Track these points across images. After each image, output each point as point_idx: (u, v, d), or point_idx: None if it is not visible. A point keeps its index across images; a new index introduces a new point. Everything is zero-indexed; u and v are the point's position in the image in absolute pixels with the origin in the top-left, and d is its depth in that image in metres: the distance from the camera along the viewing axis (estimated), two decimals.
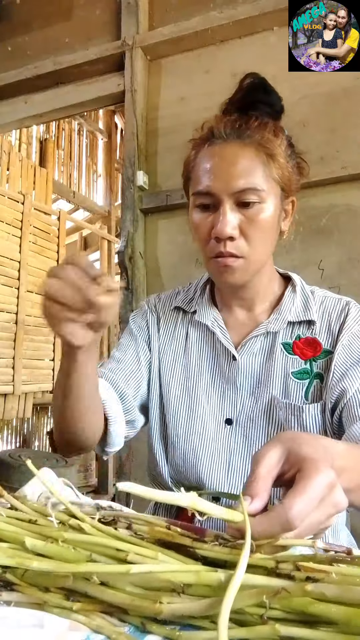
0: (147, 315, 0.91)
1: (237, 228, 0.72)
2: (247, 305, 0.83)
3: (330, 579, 0.32)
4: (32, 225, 3.54)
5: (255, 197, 0.71)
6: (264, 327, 0.80)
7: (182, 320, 0.89)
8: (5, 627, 0.35)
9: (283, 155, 0.74)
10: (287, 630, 0.31)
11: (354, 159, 1.64)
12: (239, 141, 0.73)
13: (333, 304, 0.81)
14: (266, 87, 0.79)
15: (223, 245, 0.72)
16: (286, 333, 0.80)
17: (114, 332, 5.03)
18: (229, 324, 0.84)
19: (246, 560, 0.33)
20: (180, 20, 1.97)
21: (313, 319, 0.79)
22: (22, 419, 4.51)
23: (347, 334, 0.77)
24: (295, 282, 0.84)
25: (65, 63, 2.19)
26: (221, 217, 0.71)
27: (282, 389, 0.78)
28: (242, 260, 0.73)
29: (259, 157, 0.72)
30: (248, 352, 0.81)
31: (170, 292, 0.95)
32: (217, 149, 0.73)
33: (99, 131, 5.69)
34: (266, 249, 0.76)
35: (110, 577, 0.37)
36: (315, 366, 0.78)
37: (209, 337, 0.85)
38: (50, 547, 0.39)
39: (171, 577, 0.35)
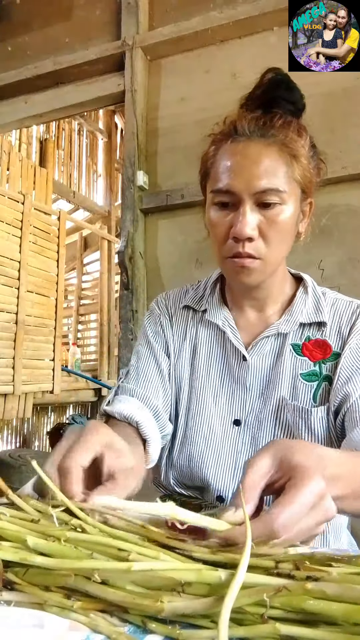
0: (160, 318, 0.89)
1: (257, 229, 0.70)
2: (259, 306, 0.82)
3: (330, 577, 0.32)
4: (32, 225, 3.54)
5: (277, 198, 0.69)
6: (275, 328, 0.79)
7: (192, 319, 0.87)
8: (5, 627, 0.35)
9: (306, 156, 0.73)
10: (288, 629, 0.31)
11: (354, 159, 1.64)
12: (263, 140, 0.71)
13: (344, 307, 0.80)
14: (289, 84, 0.77)
15: (241, 246, 0.70)
16: (296, 334, 0.80)
17: (114, 332, 5.03)
18: (240, 324, 0.83)
19: (247, 560, 0.33)
20: (180, 20, 1.97)
21: (324, 320, 0.78)
22: (22, 419, 4.52)
23: (355, 337, 0.76)
24: (307, 283, 0.83)
25: (65, 63, 2.19)
26: (241, 217, 0.69)
27: (291, 391, 0.77)
28: (259, 261, 0.72)
29: (282, 157, 0.70)
30: (258, 353, 0.80)
31: (178, 290, 0.94)
32: (240, 147, 0.71)
33: (99, 131, 5.70)
34: (283, 250, 0.75)
35: (112, 575, 0.37)
36: (324, 368, 0.77)
37: (219, 337, 0.83)
38: (52, 546, 0.39)
39: (172, 575, 0.35)
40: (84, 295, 5.51)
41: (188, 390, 0.83)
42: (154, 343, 0.86)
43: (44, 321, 3.68)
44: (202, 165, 0.79)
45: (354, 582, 0.32)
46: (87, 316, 5.48)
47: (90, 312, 5.41)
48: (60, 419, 5.03)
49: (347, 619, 0.31)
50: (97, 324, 5.19)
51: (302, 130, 0.75)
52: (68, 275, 5.49)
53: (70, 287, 5.62)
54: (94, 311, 5.32)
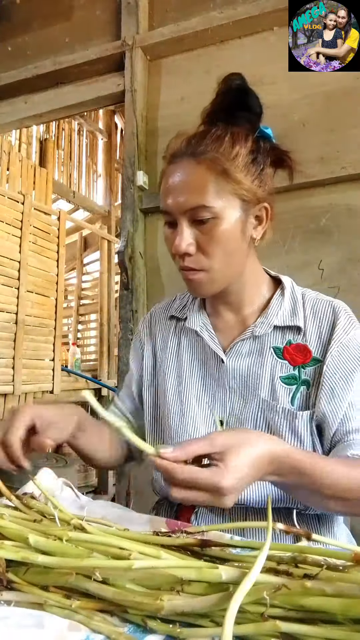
0: (141, 335, 0.97)
1: (194, 244, 0.74)
2: (234, 309, 0.85)
3: (326, 574, 0.32)
4: (32, 225, 3.54)
5: (208, 214, 0.72)
6: (250, 330, 0.81)
7: (175, 328, 0.92)
8: (5, 627, 0.35)
9: (241, 167, 0.74)
10: (288, 626, 0.31)
11: (354, 159, 1.64)
12: (192, 159, 0.74)
13: (323, 309, 0.81)
14: (244, 90, 0.79)
15: (182, 260, 0.76)
16: (276, 337, 0.81)
17: (114, 332, 5.03)
18: (218, 327, 0.86)
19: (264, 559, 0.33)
20: (180, 20, 1.97)
21: (300, 325, 0.79)
22: None
23: (335, 345, 0.77)
24: (285, 286, 0.84)
25: (65, 63, 2.18)
26: (178, 235, 0.74)
27: (270, 393, 0.78)
28: (203, 273, 0.76)
29: (211, 173, 0.72)
30: (236, 355, 0.82)
31: (168, 300, 0.99)
32: (175, 168, 0.75)
33: (99, 131, 5.69)
34: (229, 259, 0.76)
35: (112, 574, 0.37)
36: (303, 373, 0.78)
37: (199, 342, 0.87)
38: (53, 544, 0.39)
39: (173, 572, 0.35)
40: (84, 295, 5.51)
41: (175, 397, 0.86)
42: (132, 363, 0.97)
43: (44, 321, 3.68)
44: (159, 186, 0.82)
45: (350, 581, 0.32)
46: (87, 316, 5.48)
47: (90, 312, 5.41)
48: None
49: (345, 612, 0.31)
50: (97, 324, 5.19)
51: (239, 141, 0.75)
52: (68, 275, 5.48)
53: (70, 287, 5.62)
54: (94, 311, 5.32)
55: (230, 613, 0.29)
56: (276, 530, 0.40)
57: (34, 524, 0.44)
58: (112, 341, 4.98)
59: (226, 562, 0.39)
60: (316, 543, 0.41)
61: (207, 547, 0.40)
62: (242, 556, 0.40)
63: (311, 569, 0.34)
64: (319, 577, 0.33)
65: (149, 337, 0.95)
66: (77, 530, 0.42)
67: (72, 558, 0.38)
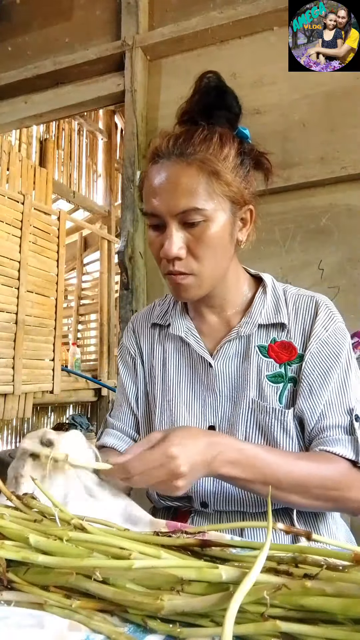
0: (127, 349, 0.93)
1: (184, 247, 0.72)
2: (217, 311, 0.84)
3: (326, 574, 0.32)
4: (32, 225, 3.54)
5: (199, 217, 0.70)
6: (235, 331, 0.80)
7: (158, 336, 0.90)
8: (5, 627, 0.35)
9: (230, 168, 0.73)
10: (288, 626, 0.31)
11: (353, 159, 1.64)
12: (182, 159, 0.71)
13: (305, 305, 0.80)
14: (222, 89, 0.77)
15: (172, 265, 0.73)
16: (261, 336, 0.80)
17: (114, 332, 5.03)
18: (203, 330, 0.85)
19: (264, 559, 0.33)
20: (180, 20, 1.97)
21: (284, 322, 0.79)
22: (22, 419, 4.51)
23: (314, 341, 0.77)
24: (266, 284, 0.83)
25: (65, 63, 2.18)
26: (167, 239, 0.71)
27: (258, 392, 0.78)
28: (193, 277, 0.74)
29: (202, 175, 0.70)
30: (223, 358, 0.81)
31: (147, 308, 0.96)
32: (161, 168, 0.72)
33: (99, 131, 5.69)
34: (218, 262, 0.75)
35: (112, 573, 0.37)
36: (289, 370, 0.78)
37: (185, 348, 0.85)
38: (54, 544, 0.39)
39: (173, 572, 0.35)
40: (84, 295, 5.51)
41: (164, 404, 0.85)
42: (124, 376, 0.92)
43: (44, 321, 3.68)
44: (139, 187, 0.80)
45: (350, 580, 0.32)
46: (87, 316, 5.48)
47: (90, 312, 5.41)
48: (60, 419, 5.02)
49: (345, 612, 0.31)
50: (97, 324, 5.20)
51: (225, 142, 0.74)
52: (68, 275, 5.49)
53: (70, 287, 5.62)
54: (94, 311, 5.32)
55: (230, 613, 0.29)
56: (276, 530, 0.40)
57: (34, 524, 0.44)
58: (112, 341, 4.98)
59: (226, 562, 0.39)
60: (316, 543, 0.41)
61: (207, 547, 0.40)
62: (242, 556, 0.40)
63: (311, 569, 0.35)
64: (319, 577, 0.33)
65: (136, 348, 0.92)
66: (77, 530, 0.42)
67: (72, 558, 0.38)
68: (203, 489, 0.77)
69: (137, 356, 0.91)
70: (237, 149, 0.75)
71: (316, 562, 0.36)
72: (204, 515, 0.79)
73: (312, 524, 0.77)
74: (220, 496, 0.76)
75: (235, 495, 0.76)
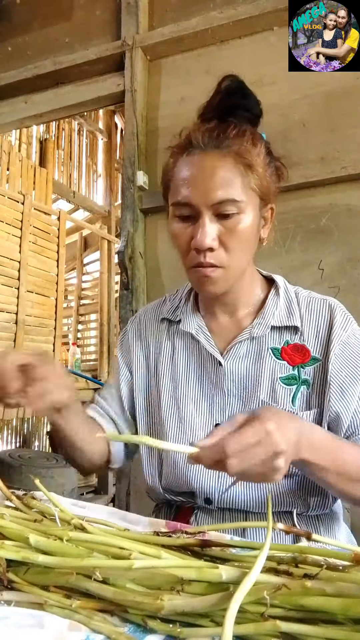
0: (129, 337, 0.93)
1: (217, 239, 0.72)
2: (230, 311, 0.83)
3: (326, 574, 0.32)
4: (32, 225, 3.53)
5: (234, 209, 0.71)
6: (247, 331, 0.80)
7: (167, 331, 0.89)
8: (5, 627, 0.35)
9: (261, 164, 0.74)
10: (288, 626, 0.31)
11: (353, 159, 1.64)
12: (218, 151, 0.72)
13: (318, 308, 0.81)
14: (244, 91, 0.78)
15: (203, 256, 0.72)
16: (274, 338, 0.80)
17: (114, 332, 5.03)
18: (214, 329, 0.84)
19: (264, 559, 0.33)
20: (180, 20, 1.97)
21: (297, 324, 0.79)
22: (22, 419, 4.51)
23: (337, 342, 0.77)
24: (279, 285, 0.84)
25: (65, 63, 2.18)
26: (200, 229, 0.71)
27: (270, 394, 0.78)
28: (222, 270, 0.73)
29: (237, 167, 0.71)
30: (234, 357, 0.81)
31: (157, 302, 0.96)
32: (196, 159, 0.73)
33: (99, 131, 5.69)
34: (245, 257, 0.76)
35: (112, 573, 0.37)
36: (302, 373, 0.78)
37: (195, 345, 0.85)
38: (54, 544, 0.39)
39: (173, 572, 0.35)
40: (84, 295, 5.51)
41: (172, 403, 0.84)
42: (121, 361, 0.93)
43: (44, 321, 3.68)
44: (163, 178, 0.81)
45: (349, 580, 0.32)
46: (87, 316, 5.48)
47: (90, 312, 5.41)
48: None
49: (345, 612, 0.31)
50: (97, 324, 5.19)
51: (257, 139, 0.76)
52: (68, 275, 5.48)
53: (70, 287, 5.62)
54: (94, 311, 5.32)
55: (230, 613, 0.29)
56: (276, 531, 0.40)
57: (35, 524, 0.44)
58: (112, 341, 4.98)
59: (226, 562, 0.39)
60: (316, 543, 0.41)
61: (208, 547, 0.40)
62: (242, 556, 0.40)
63: (311, 569, 0.35)
64: (319, 577, 0.33)
65: (138, 340, 0.92)
66: (77, 530, 0.42)
67: (72, 558, 0.38)
68: (207, 485, 0.77)
69: (140, 348, 0.91)
70: (265, 148, 0.76)
71: (316, 562, 0.36)
72: (207, 513, 0.79)
73: (314, 525, 0.77)
74: (225, 493, 0.76)
75: (240, 493, 0.76)
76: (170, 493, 0.82)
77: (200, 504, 0.79)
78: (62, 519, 0.44)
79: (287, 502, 0.75)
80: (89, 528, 0.42)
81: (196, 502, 0.80)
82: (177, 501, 0.83)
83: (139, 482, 1.85)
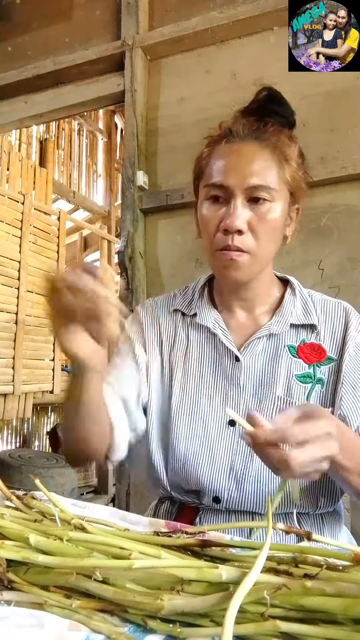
0: (142, 318, 0.90)
1: (246, 223, 0.73)
2: (248, 307, 0.84)
3: (327, 574, 0.32)
4: (32, 225, 3.53)
5: (267, 195, 0.73)
6: (266, 328, 0.81)
7: (181, 323, 0.88)
8: (5, 627, 0.35)
9: (296, 160, 0.77)
10: (288, 626, 0.31)
11: (354, 159, 1.64)
12: (257, 142, 0.75)
13: (333, 309, 0.83)
14: (281, 100, 0.82)
15: (231, 239, 0.73)
16: (291, 336, 0.81)
17: None
18: (230, 325, 0.84)
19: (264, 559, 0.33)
20: (180, 20, 1.96)
21: (314, 322, 0.81)
22: (22, 419, 4.51)
23: (352, 344, 0.79)
24: (294, 285, 0.85)
25: (65, 63, 2.18)
26: (232, 210, 0.73)
27: (285, 391, 0.78)
28: (248, 256, 0.74)
29: (274, 159, 0.75)
30: (251, 354, 0.81)
31: (166, 295, 0.95)
32: (235, 147, 0.76)
33: (99, 131, 5.69)
34: (271, 248, 0.77)
35: (112, 573, 0.37)
36: (318, 371, 0.79)
37: (210, 339, 0.84)
38: (54, 544, 0.39)
39: (173, 572, 0.35)
40: None
41: (181, 393, 0.83)
42: (132, 338, 0.88)
43: (44, 321, 3.67)
44: (196, 166, 0.82)
45: (349, 580, 0.32)
46: None
47: None
48: (60, 419, 5.02)
49: (345, 612, 0.31)
50: None
51: (293, 139, 0.79)
52: None
53: None
54: None
55: (230, 613, 0.29)
56: (276, 531, 0.40)
57: (35, 524, 0.44)
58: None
59: (226, 562, 0.39)
60: (316, 543, 0.41)
61: (208, 547, 0.40)
62: (242, 556, 0.40)
63: (311, 569, 0.35)
64: (319, 577, 0.33)
65: (152, 324, 0.89)
66: (77, 530, 0.42)
67: (72, 558, 0.38)
68: (218, 483, 0.77)
69: (155, 334, 0.88)
70: (299, 151, 0.80)
71: (316, 562, 0.36)
72: (213, 513, 0.79)
73: (318, 526, 0.77)
74: (234, 493, 0.76)
75: (250, 493, 0.75)
76: (176, 489, 0.82)
77: (207, 503, 0.78)
78: (62, 519, 0.44)
79: (288, 504, 0.75)
80: (89, 528, 0.42)
81: (202, 501, 0.79)
82: (181, 499, 0.82)
83: (139, 482, 1.85)
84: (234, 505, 0.77)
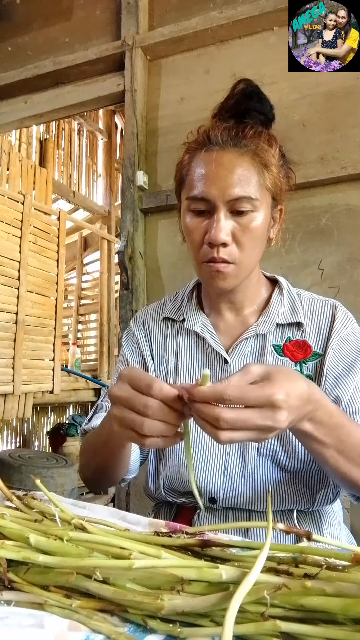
0: (136, 335, 0.91)
1: (230, 235, 0.73)
2: (236, 308, 0.84)
3: (326, 574, 0.32)
4: (32, 225, 3.53)
5: (249, 206, 0.72)
6: (253, 329, 0.81)
7: (171, 330, 0.89)
8: (5, 627, 0.35)
9: (276, 165, 0.76)
10: (288, 626, 0.31)
11: (354, 159, 1.64)
12: (236, 149, 0.73)
13: (320, 307, 0.83)
14: (259, 95, 0.80)
15: (216, 251, 0.73)
16: (276, 335, 0.81)
17: (114, 332, 5.03)
18: (219, 327, 0.85)
19: (264, 559, 0.33)
20: (180, 20, 1.97)
21: (301, 321, 0.81)
22: (22, 419, 4.51)
23: (336, 337, 0.79)
24: (282, 285, 0.86)
25: (65, 63, 2.18)
26: (215, 224, 0.72)
27: None
28: (233, 266, 0.74)
29: (254, 166, 0.73)
30: (239, 355, 0.81)
31: (156, 304, 0.96)
32: (214, 156, 0.73)
33: (99, 131, 5.69)
34: (256, 255, 0.77)
35: (112, 573, 0.37)
36: (305, 368, 0.79)
37: (199, 343, 0.85)
38: (54, 544, 0.39)
39: (173, 572, 0.35)
40: (84, 295, 5.51)
41: None
42: (130, 359, 0.89)
43: (44, 321, 3.68)
44: (177, 173, 0.81)
45: (349, 580, 0.32)
46: (87, 316, 5.48)
47: (90, 312, 5.41)
48: (60, 419, 5.03)
49: (345, 612, 0.31)
50: (97, 324, 5.19)
51: (272, 140, 0.78)
52: (68, 275, 5.49)
53: (70, 287, 5.62)
54: (94, 311, 5.32)
55: (230, 613, 0.29)
56: (276, 531, 0.40)
57: (35, 523, 0.44)
58: (112, 341, 4.98)
59: (226, 562, 0.39)
60: (316, 543, 0.41)
61: (208, 547, 0.40)
62: (242, 556, 0.40)
63: (311, 569, 0.35)
64: (319, 577, 0.33)
65: (144, 337, 0.91)
66: (77, 530, 0.42)
67: (72, 558, 0.38)
68: (213, 484, 0.77)
69: (147, 349, 0.90)
70: (279, 151, 0.79)
71: (316, 562, 0.36)
72: (210, 512, 0.79)
73: (316, 526, 0.77)
74: (229, 492, 0.76)
75: (245, 492, 0.76)
76: (172, 493, 0.82)
77: (204, 503, 0.79)
78: (62, 519, 0.44)
79: (292, 500, 0.75)
80: (89, 528, 0.42)
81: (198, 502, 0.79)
82: (178, 502, 0.83)
83: (139, 482, 1.85)
84: (229, 504, 0.77)
